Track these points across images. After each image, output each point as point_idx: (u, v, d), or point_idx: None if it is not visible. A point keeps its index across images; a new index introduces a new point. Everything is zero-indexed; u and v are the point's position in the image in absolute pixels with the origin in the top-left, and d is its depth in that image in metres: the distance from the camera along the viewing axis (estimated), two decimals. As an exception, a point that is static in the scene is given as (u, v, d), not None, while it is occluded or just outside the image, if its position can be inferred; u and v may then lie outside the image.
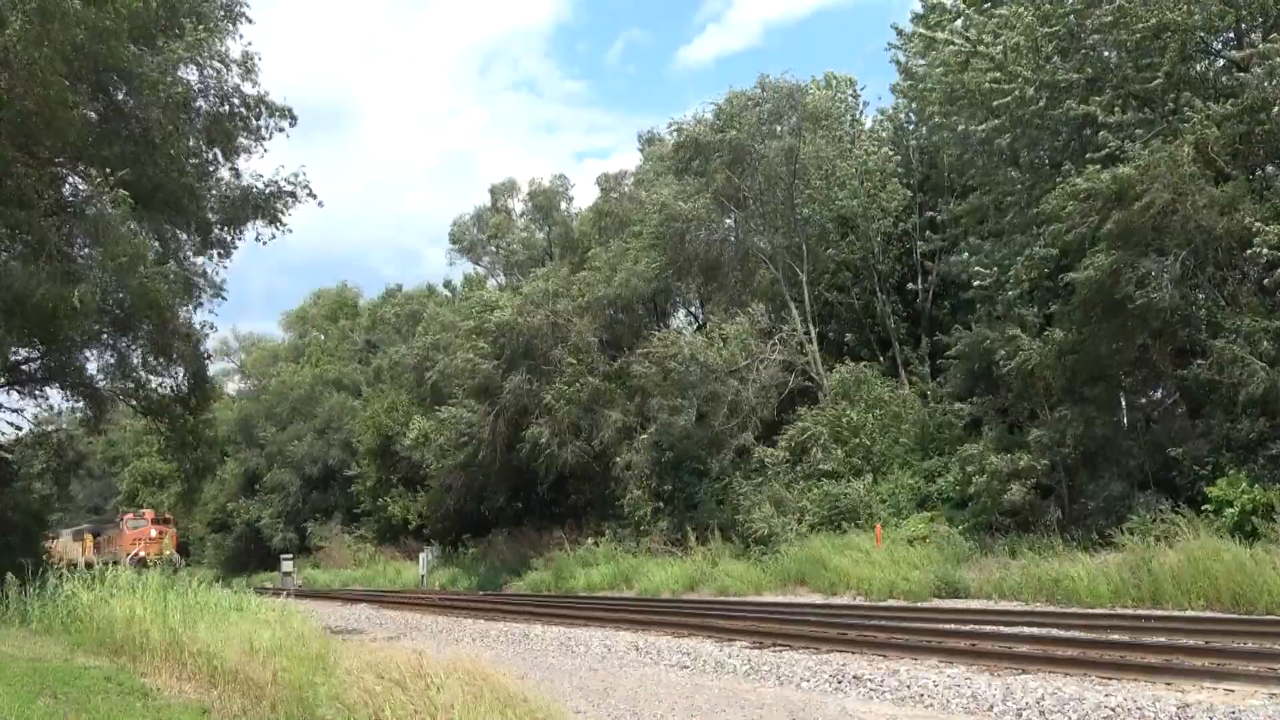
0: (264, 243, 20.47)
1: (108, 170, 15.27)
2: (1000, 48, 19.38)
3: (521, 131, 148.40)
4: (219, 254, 20.80)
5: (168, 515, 44.97)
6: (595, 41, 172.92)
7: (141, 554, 36.23)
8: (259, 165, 48.56)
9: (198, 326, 21.01)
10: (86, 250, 16.87)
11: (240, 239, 20.83)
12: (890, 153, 26.86)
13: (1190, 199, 16.02)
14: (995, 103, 19.25)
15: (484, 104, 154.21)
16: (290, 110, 19.39)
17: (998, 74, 19.27)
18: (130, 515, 41.71)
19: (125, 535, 39.54)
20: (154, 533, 39.47)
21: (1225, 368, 15.98)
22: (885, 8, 63.61)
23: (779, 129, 26.52)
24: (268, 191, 19.98)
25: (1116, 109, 18.00)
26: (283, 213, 20.20)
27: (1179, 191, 16.01)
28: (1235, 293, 16.90)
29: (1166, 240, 16.43)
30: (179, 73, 17.34)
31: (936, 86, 21.19)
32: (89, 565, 40.21)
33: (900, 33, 24.91)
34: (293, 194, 20.08)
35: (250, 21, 18.97)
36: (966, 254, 22.40)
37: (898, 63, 25.17)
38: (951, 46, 20.38)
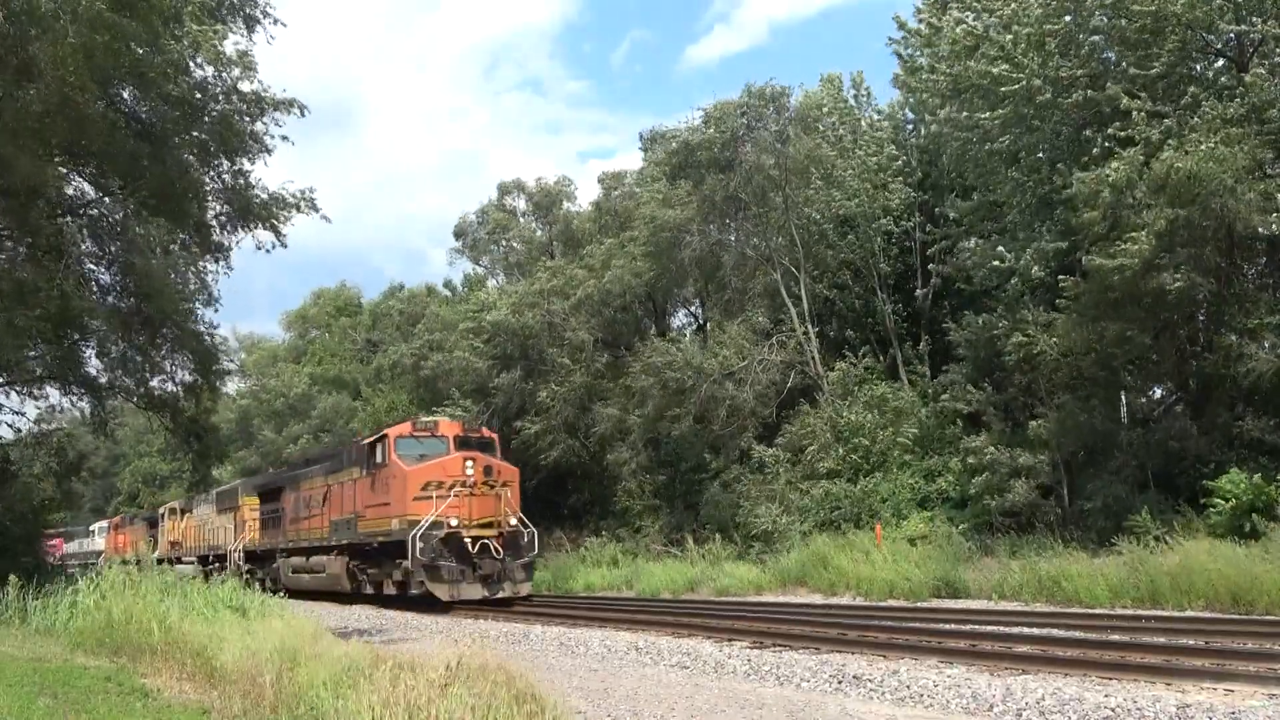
0: (267, 250, 20.48)
1: (114, 173, 15.28)
2: (1010, 37, 19.30)
3: (524, 131, 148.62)
4: (218, 260, 20.90)
5: (488, 432, 22.35)
6: (601, 42, 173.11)
7: (453, 521, 18.64)
8: (262, 171, 48.38)
9: (206, 325, 21.24)
10: (106, 254, 16.92)
11: (238, 243, 20.94)
12: (894, 152, 26.85)
13: (1237, 193, 15.82)
14: (1003, 88, 19.11)
15: (487, 104, 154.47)
16: (297, 101, 19.36)
17: (1006, 65, 19.20)
18: (405, 427, 20.61)
19: (394, 476, 19.67)
20: (469, 467, 19.22)
21: (1234, 362, 15.95)
22: (891, 6, 63.59)
23: (764, 133, 26.47)
24: (269, 199, 19.95)
25: (1137, 100, 17.91)
26: (281, 223, 20.19)
27: (1229, 185, 15.76)
28: (1242, 291, 16.92)
29: (1204, 231, 16.23)
30: (189, 72, 17.35)
31: (941, 78, 21.08)
32: (255, 560, 25.87)
33: (902, 25, 24.88)
34: (296, 206, 20.08)
35: (281, 24, 18.90)
36: (975, 241, 22.30)
37: (899, 56, 25.13)
38: (962, 27, 20.20)
